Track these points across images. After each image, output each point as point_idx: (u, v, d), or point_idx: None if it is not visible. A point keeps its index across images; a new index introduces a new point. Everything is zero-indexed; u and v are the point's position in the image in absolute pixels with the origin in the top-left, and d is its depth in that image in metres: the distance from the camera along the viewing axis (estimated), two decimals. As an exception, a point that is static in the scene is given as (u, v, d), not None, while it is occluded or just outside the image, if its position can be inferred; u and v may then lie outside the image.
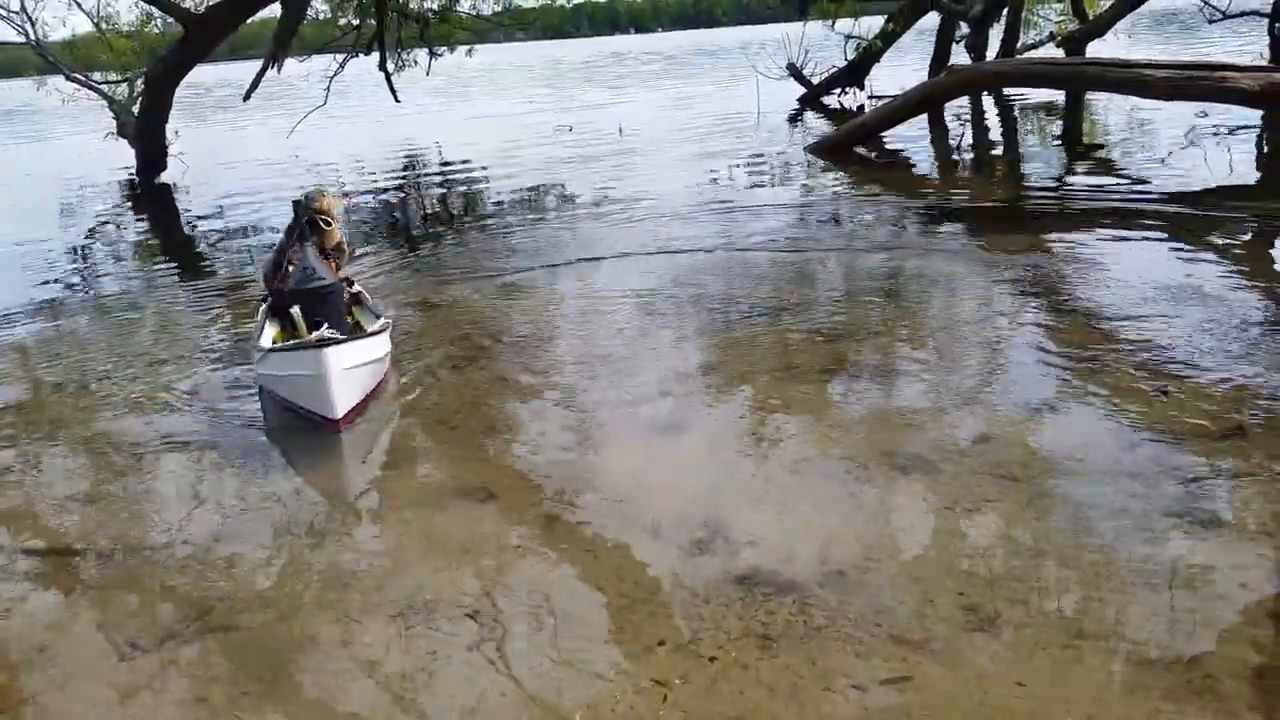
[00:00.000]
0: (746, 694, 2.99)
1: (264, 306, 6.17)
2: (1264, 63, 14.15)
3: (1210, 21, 19.53)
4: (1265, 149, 11.88)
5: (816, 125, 17.59)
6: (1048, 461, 4.30)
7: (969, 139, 14.63)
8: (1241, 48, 19.69)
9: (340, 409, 5.04)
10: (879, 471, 4.31)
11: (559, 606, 3.53)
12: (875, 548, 3.74)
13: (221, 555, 4.04)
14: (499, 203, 12.24)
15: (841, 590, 3.46)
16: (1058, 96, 17.47)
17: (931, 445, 4.52)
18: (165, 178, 16.18)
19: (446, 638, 3.37)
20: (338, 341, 5.21)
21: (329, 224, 6.34)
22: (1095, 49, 19.22)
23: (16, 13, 18.29)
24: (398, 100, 18.62)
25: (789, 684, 3.02)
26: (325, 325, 5.48)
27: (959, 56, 20.26)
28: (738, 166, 13.24)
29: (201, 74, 20.89)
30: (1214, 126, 12.69)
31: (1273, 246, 7.93)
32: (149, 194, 15.70)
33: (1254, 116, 12.49)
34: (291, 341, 5.55)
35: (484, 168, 15.58)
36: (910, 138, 14.36)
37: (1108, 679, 2.96)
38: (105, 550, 4.15)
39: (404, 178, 15.83)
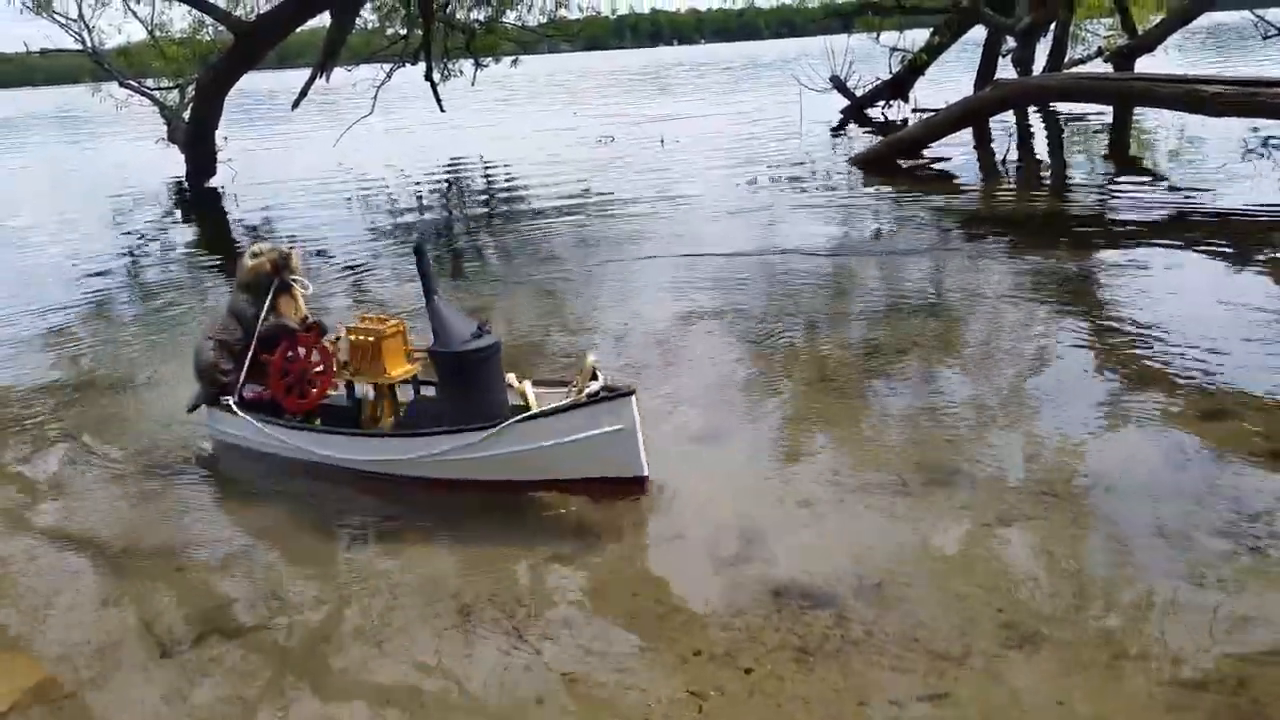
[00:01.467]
0: (783, 707, 2.98)
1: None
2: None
3: (1265, 38, 19.19)
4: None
5: (860, 138, 17.52)
6: (1092, 479, 4.25)
7: (1014, 153, 14.48)
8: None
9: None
10: (917, 486, 4.28)
11: (595, 615, 3.55)
12: (913, 562, 3.72)
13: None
14: (539, 210, 12.31)
15: (879, 604, 3.44)
16: (1106, 112, 17.27)
17: (971, 460, 4.49)
18: (214, 183, 16.48)
19: (483, 640, 3.41)
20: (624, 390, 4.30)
21: (305, 289, 5.14)
22: (1144, 64, 18.98)
23: (74, 20, 18.75)
24: (443, 109, 18.83)
25: (825, 698, 3.01)
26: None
27: (1005, 70, 20.08)
28: (780, 178, 13.23)
29: (252, 81, 21.26)
30: (1265, 142, 12.48)
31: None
32: (198, 200, 16.00)
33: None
34: (565, 403, 4.31)
35: (526, 178, 15.70)
36: (955, 151, 14.25)
37: (1149, 699, 2.92)
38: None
39: (447, 186, 16.00)
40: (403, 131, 25.33)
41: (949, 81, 21.66)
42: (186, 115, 17.02)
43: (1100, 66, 19.70)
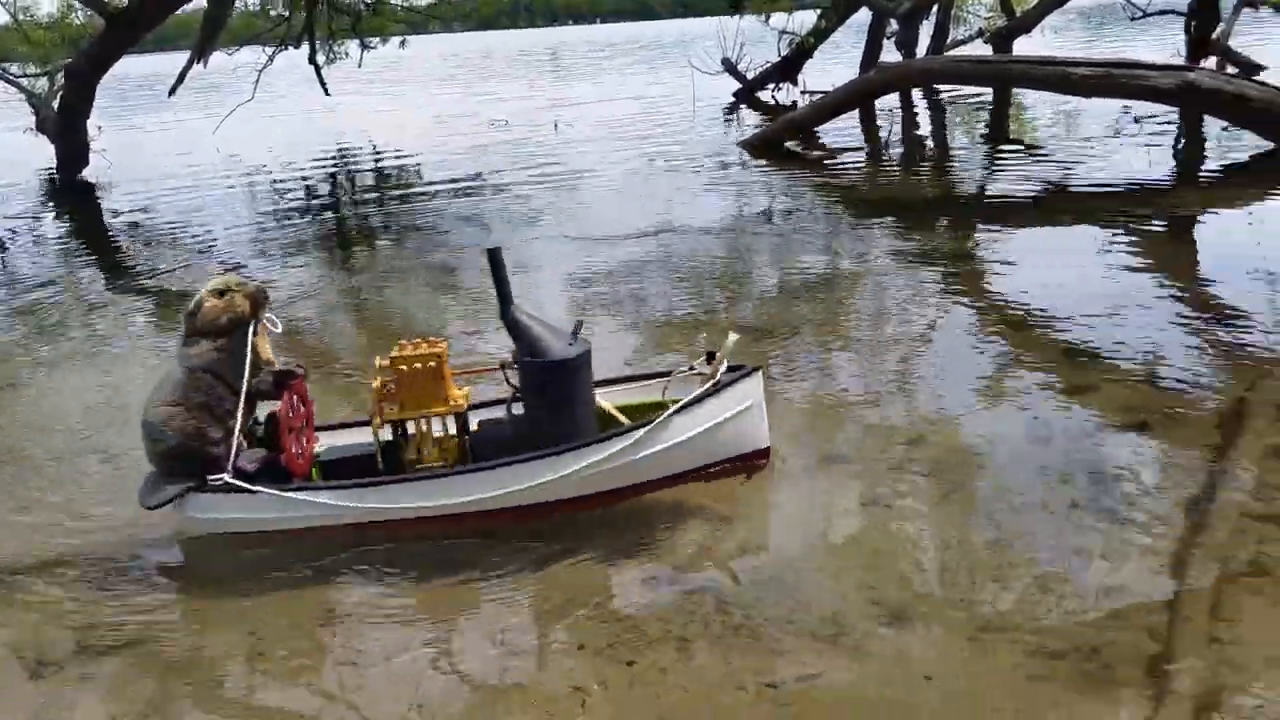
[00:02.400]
0: (662, 698, 3.04)
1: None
2: (1180, 61, 14.56)
3: (1132, 19, 20.04)
4: (1181, 145, 12.24)
5: (751, 120, 17.72)
6: (963, 455, 4.41)
7: (898, 134, 14.86)
8: (1164, 43, 20.23)
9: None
10: (797, 467, 4.39)
11: (476, 613, 3.56)
12: (791, 544, 3.82)
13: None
14: (431, 195, 12.13)
15: (758, 589, 3.53)
16: (986, 92, 17.82)
17: (850, 440, 4.62)
18: (87, 174, 15.76)
19: (376, 642, 3.38)
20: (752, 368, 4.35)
21: (275, 328, 4.28)
22: (1022, 45, 19.64)
23: (-72, 4, 17.68)
24: (328, 93, 18.37)
25: (704, 685, 3.07)
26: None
27: (891, 53, 20.54)
28: (672, 160, 13.31)
29: (127, 65, 20.37)
30: (1136, 121, 13.06)
31: (1185, 242, 8.16)
32: (69, 191, 15.29)
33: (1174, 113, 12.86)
34: (709, 386, 4.20)
35: (417, 162, 15.44)
36: (842, 133, 14.54)
37: (1012, 670, 3.06)
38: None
39: (335, 172, 15.63)
40: (287, 117, 24.62)
41: (838, 64, 22.07)
42: (56, 104, 16.23)
43: (981, 48, 20.31)
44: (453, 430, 4.31)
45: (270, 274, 8.82)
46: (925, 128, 16.68)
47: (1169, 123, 12.90)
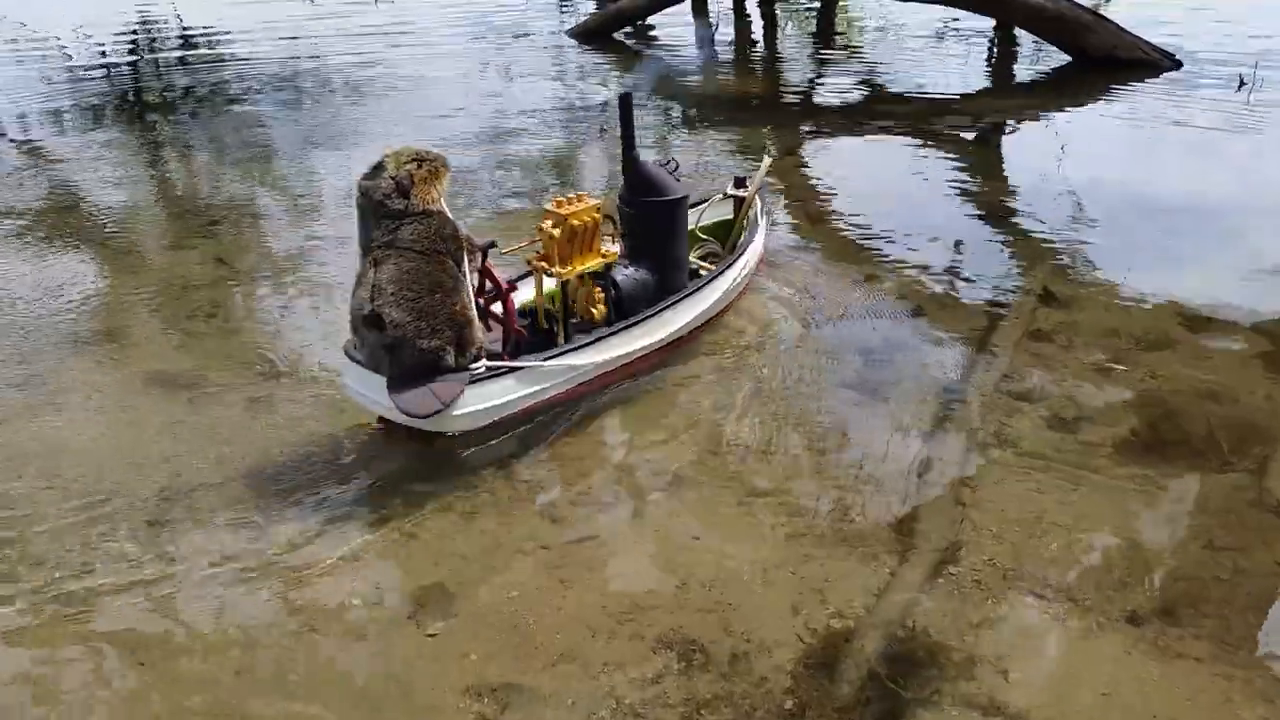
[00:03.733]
0: (441, 563, 3.12)
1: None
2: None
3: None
4: (994, 55, 12.77)
5: (586, 7, 17.33)
6: (743, 336, 4.59)
7: (729, 33, 14.88)
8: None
9: None
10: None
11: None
12: (584, 413, 3.93)
13: None
14: (243, 78, 11.37)
15: (541, 467, 3.63)
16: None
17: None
18: None
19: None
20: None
21: None
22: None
23: None
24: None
25: (484, 548, 3.17)
26: None
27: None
28: (503, 47, 12.92)
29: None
30: (956, 30, 13.52)
31: (988, 147, 8.57)
32: None
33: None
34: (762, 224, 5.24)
35: (225, 36, 14.39)
36: (674, 26, 14.45)
37: (773, 529, 3.29)
38: None
39: (135, 48, 14.40)
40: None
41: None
42: None
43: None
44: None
45: (68, 149, 8.15)
46: (756, 28, 16.76)
47: (983, 34, 13.43)
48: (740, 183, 5.15)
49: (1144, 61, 10.25)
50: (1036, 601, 2.99)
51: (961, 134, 8.52)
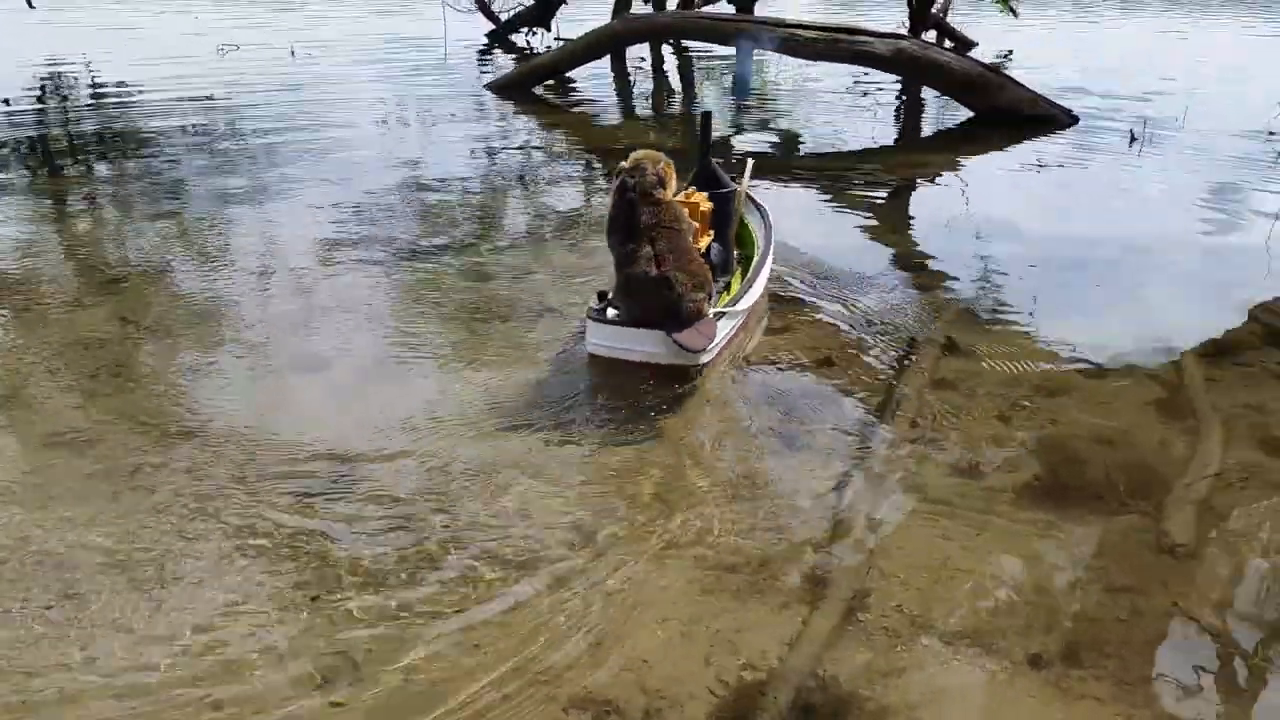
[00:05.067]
0: (347, 633, 3.05)
1: None
2: (904, 31, 15.67)
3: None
4: (902, 111, 13.24)
5: (504, 63, 17.50)
6: (663, 395, 4.62)
7: (648, 87, 15.17)
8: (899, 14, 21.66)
9: None
10: (516, 399, 4.48)
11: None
12: (496, 477, 3.90)
13: None
14: (155, 131, 11.18)
15: (453, 525, 3.59)
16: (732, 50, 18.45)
17: (545, 381, 4.74)
18: None
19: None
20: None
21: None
22: (764, 8, 20.39)
23: None
24: (32, 5, 16.48)
25: (392, 616, 3.11)
26: None
27: (642, 6, 20.78)
28: (420, 99, 12.96)
29: None
30: (866, 87, 13.97)
31: (897, 199, 8.84)
32: None
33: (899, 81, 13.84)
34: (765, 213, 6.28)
35: (139, 91, 14.16)
36: (594, 81, 14.67)
37: (688, 584, 3.30)
38: None
39: (43, 101, 14.07)
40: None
41: (597, 13, 22.12)
42: None
43: (726, 8, 20.93)
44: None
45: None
46: (674, 82, 17.12)
47: (893, 91, 13.91)
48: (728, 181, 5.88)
49: (1045, 117, 10.73)
50: (944, 648, 3.04)
51: (872, 186, 8.78)
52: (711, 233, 5.40)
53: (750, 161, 6.13)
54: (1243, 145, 9.81)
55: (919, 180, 9.22)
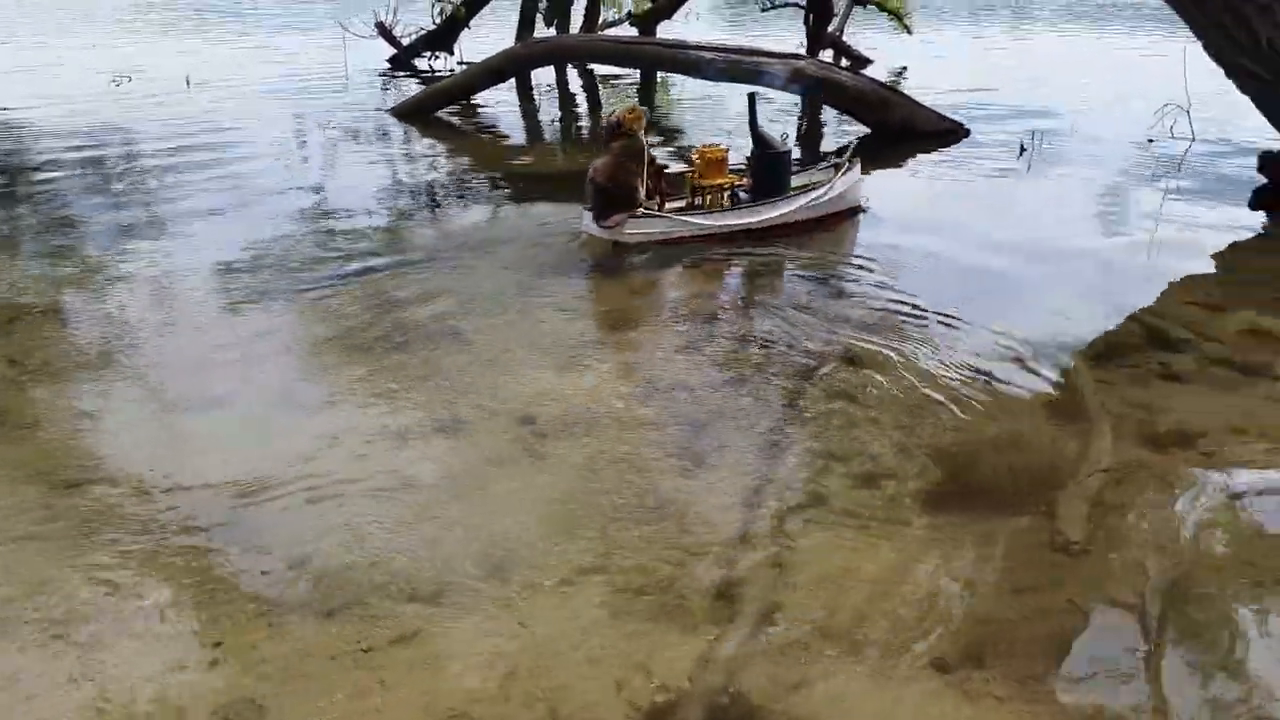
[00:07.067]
0: (248, 675, 2.97)
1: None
2: (802, 51, 15.99)
3: (763, 10, 21.74)
4: (803, 127, 13.47)
5: (407, 87, 17.34)
6: (571, 420, 4.61)
7: (553, 112, 15.20)
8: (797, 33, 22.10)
9: None
10: (423, 434, 4.43)
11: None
12: (405, 507, 3.85)
13: None
14: (45, 164, 10.79)
15: (368, 553, 3.53)
16: (636, 73, 18.60)
17: (472, 406, 4.71)
18: None
19: None
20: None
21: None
22: (666, 29, 20.65)
23: None
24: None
25: (298, 657, 3.04)
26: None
27: (545, 29, 20.84)
28: (320, 126, 12.75)
29: None
30: (767, 105, 14.18)
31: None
32: None
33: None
34: (847, 163, 7.99)
35: (27, 123, 13.67)
36: (499, 105, 14.63)
37: (598, 610, 3.29)
38: None
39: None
40: None
41: (500, 36, 22.08)
42: None
43: (629, 30, 21.12)
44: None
45: None
46: (580, 106, 17.18)
47: (792, 108, 14.16)
48: (840, 152, 8.28)
49: (939, 131, 11.05)
50: (850, 657, 3.09)
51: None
52: (736, 179, 7.62)
53: (853, 141, 8.51)
54: (1126, 153, 10.23)
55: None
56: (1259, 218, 8.20)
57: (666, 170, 7.67)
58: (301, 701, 2.89)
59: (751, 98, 7.84)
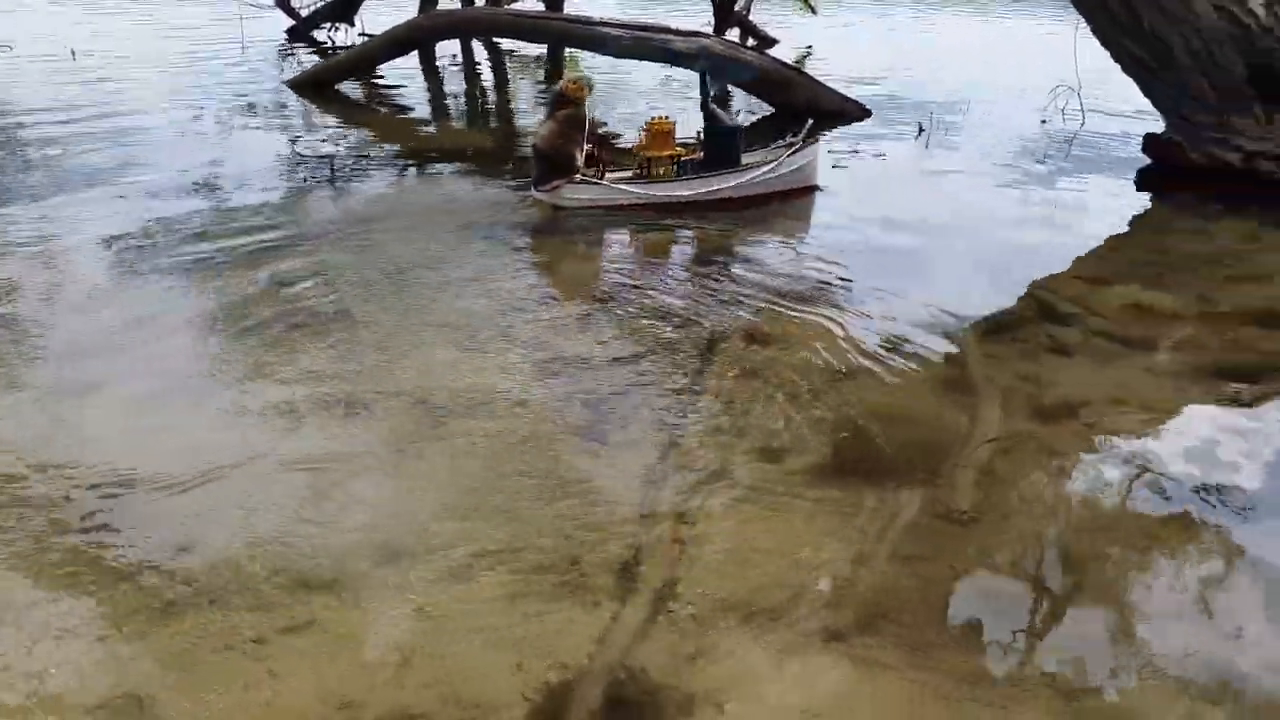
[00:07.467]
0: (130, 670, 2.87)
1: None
2: (709, 30, 16.00)
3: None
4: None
5: (306, 60, 16.84)
6: (472, 400, 4.57)
7: (459, 85, 14.95)
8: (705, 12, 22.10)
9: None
10: (318, 416, 4.33)
11: None
12: (299, 492, 3.76)
13: None
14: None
15: (259, 540, 3.44)
16: (544, 47, 18.37)
17: (370, 386, 4.62)
18: None
19: None
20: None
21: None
22: (577, 5, 20.46)
23: None
24: None
25: (184, 650, 2.95)
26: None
27: (451, 1, 20.45)
28: (216, 100, 12.30)
29: None
30: (673, 84, 14.19)
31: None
32: None
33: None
34: (802, 140, 8.12)
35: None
36: (402, 78, 14.33)
37: (498, 591, 3.27)
38: None
39: None
40: None
41: (403, 7, 21.57)
42: None
43: (537, 4, 20.86)
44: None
45: None
46: (487, 80, 16.92)
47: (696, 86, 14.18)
48: (796, 132, 8.19)
49: (840, 112, 11.20)
50: (747, 629, 3.13)
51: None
52: (683, 151, 7.96)
53: (809, 121, 8.28)
54: (1021, 133, 10.53)
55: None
56: (1144, 197, 8.54)
57: (610, 140, 8.19)
58: (187, 695, 2.81)
59: (703, 76, 8.15)
